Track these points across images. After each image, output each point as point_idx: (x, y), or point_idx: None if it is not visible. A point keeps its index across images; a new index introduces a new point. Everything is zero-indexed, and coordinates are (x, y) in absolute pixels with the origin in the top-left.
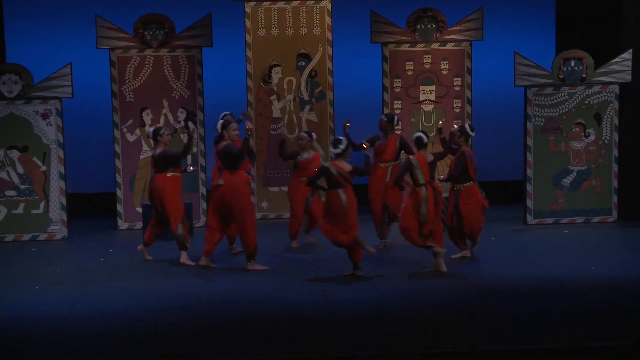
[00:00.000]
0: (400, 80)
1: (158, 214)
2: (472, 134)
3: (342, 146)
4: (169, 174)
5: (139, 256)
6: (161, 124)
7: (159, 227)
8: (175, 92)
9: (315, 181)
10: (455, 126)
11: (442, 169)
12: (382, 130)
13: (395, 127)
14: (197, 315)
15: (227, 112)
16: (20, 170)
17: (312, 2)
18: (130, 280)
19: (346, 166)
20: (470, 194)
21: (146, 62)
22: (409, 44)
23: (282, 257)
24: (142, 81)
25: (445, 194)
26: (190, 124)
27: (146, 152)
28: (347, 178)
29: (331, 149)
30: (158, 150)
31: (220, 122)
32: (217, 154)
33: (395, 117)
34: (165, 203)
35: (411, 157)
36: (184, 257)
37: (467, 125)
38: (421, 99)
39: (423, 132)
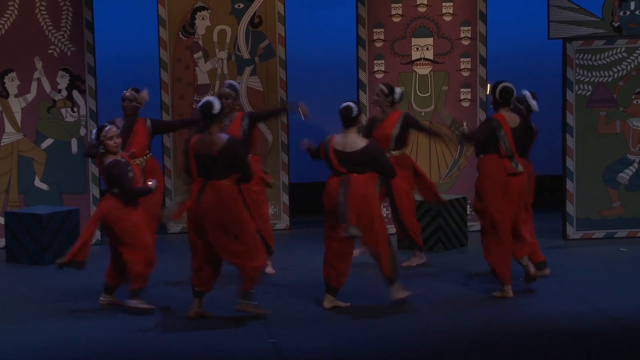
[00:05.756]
0: (383, 30)
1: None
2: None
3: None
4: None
5: (6, 288)
6: (33, 93)
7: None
8: (53, 47)
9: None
10: None
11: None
12: (380, 107)
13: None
14: None
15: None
16: None
17: None
18: None
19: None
20: None
21: (10, 3)
22: None
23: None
24: (3, 31)
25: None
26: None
27: (11, 135)
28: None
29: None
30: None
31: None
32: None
33: (397, 90)
34: (374, 215)
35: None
36: (397, 291)
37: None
38: (414, 57)
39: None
